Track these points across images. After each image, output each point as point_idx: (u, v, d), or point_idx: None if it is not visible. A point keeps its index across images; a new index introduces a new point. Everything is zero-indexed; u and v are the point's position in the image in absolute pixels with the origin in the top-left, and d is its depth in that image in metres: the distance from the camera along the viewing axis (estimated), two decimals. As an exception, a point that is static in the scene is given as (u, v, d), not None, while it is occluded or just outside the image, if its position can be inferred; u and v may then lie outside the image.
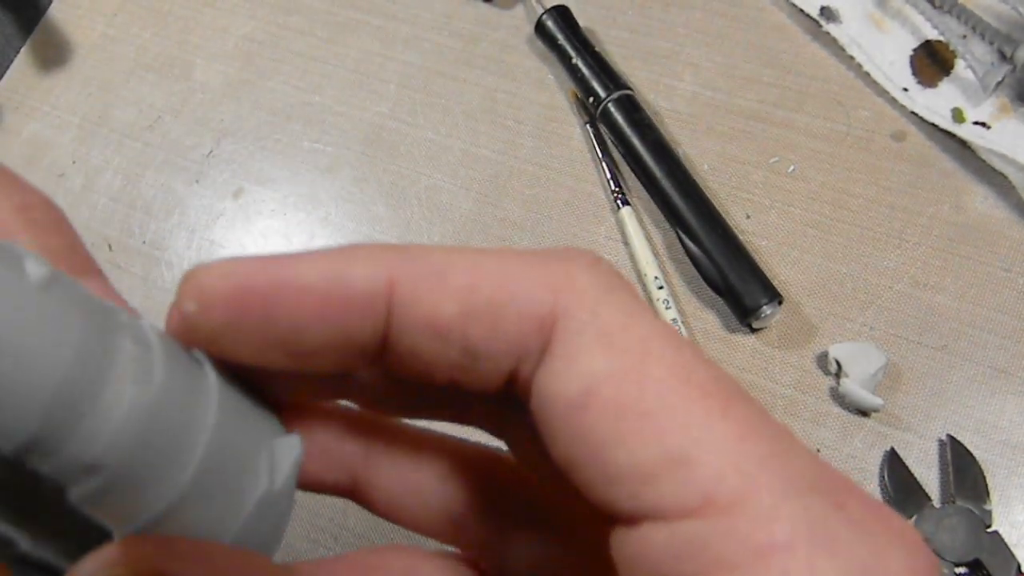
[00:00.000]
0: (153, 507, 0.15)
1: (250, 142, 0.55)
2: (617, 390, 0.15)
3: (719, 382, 0.15)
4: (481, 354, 0.16)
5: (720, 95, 0.49)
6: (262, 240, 0.51)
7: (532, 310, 0.15)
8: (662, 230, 0.46)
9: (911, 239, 0.44)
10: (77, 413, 0.14)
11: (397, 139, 0.52)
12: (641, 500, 0.14)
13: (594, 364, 0.15)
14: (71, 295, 0.15)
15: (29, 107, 0.59)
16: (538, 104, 0.51)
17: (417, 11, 0.56)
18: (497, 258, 0.16)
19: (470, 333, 0.16)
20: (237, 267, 0.16)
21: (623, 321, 0.15)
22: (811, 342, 0.42)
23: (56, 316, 0.14)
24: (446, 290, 0.16)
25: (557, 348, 0.15)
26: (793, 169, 0.47)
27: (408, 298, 0.16)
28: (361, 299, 0.15)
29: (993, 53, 0.45)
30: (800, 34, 0.50)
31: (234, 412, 0.17)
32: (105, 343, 0.15)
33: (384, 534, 0.42)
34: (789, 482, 0.14)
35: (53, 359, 0.14)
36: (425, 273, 0.16)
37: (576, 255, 0.16)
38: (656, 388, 0.15)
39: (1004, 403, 0.40)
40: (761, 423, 0.15)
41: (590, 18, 0.53)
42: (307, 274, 0.15)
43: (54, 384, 0.14)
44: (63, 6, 0.62)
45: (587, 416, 0.15)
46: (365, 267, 0.16)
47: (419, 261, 0.16)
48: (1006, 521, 0.38)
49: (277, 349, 0.16)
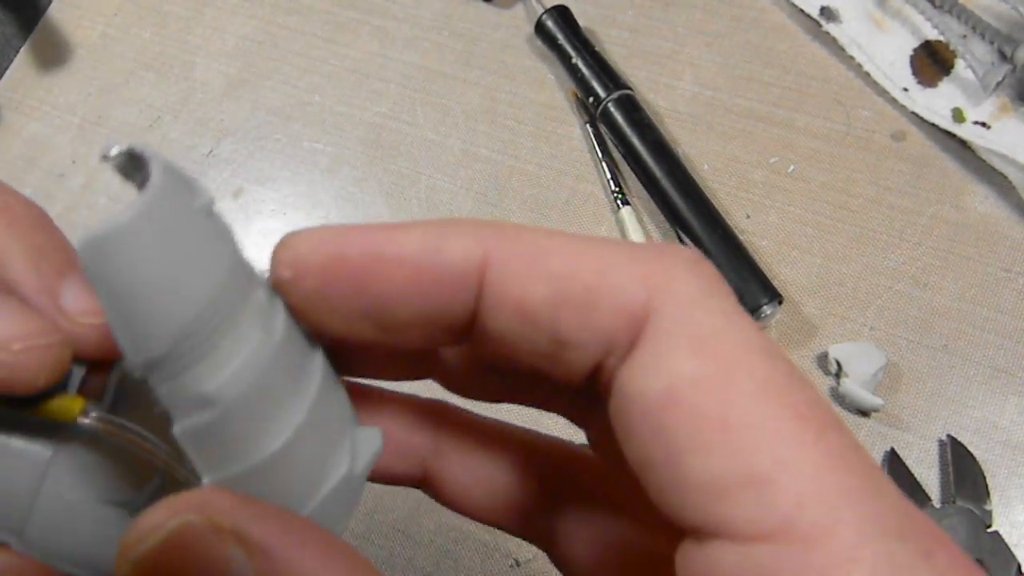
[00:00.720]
0: (247, 458, 0.15)
1: (250, 142, 0.55)
2: (701, 397, 0.14)
3: (814, 406, 0.14)
4: (569, 343, 0.15)
5: (720, 95, 0.49)
6: (262, 240, 0.51)
7: (625, 303, 0.15)
8: (662, 230, 0.46)
9: (911, 239, 0.44)
10: (207, 342, 0.14)
11: (397, 139, 0.52)
12: (713, 516, 0.14)
13: (681, 366, 0.14)
14: (226, 230, 0.15)
15: (29, 107, 0.59)
16: (538, 104, 0.51)
17: (417, 11, 0.56)
18: (595, 246, 0.16)
19: (560, 320, 0.15)
20: (333, 235, 0.16)
21: (718, 326, 0.15)
22: (811, 342, 0.42)
23: (210, 244, 0.15)
24: (540, 274, 0.15)
25: (645, 345, 0.15)
26: (793, 169, 0.47)
27: (501, 278, 0.15)
28: (454, 274, 0.15)
29: (993, 53, 0.45)
30: (800, 34, 0.50)
31: (333, 390, 0.17)
32: (244, 284, 0.15)
33: (384, 534, 0.43)
34: (876, 522, 0.13)
35: (200, 283, 0.14)
36: (521, 254, 0.15)
37: (678, 252, 0.16)
38: (743, 401, 0.14)
39: (1004, 403, 0.40)
40: (854, 456, 0.14)
41: (590, 18, 0.53)
42: (402, 245, 0.15)
43: (196, 307, 0.14)
44: (63, 6, 0.62)
45: (667, 419, 0.14)
46: (460, 242, 0.15)
47: (516, 241, 0.15)
48: (1006, 521, 0.38)
49: (367, 320, 0.16)
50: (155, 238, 0.14)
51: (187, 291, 0.14)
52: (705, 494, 0.14)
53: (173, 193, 0.14)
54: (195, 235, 0.14)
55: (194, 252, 0.14)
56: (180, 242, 0.14)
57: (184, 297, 0.14)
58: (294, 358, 0.16)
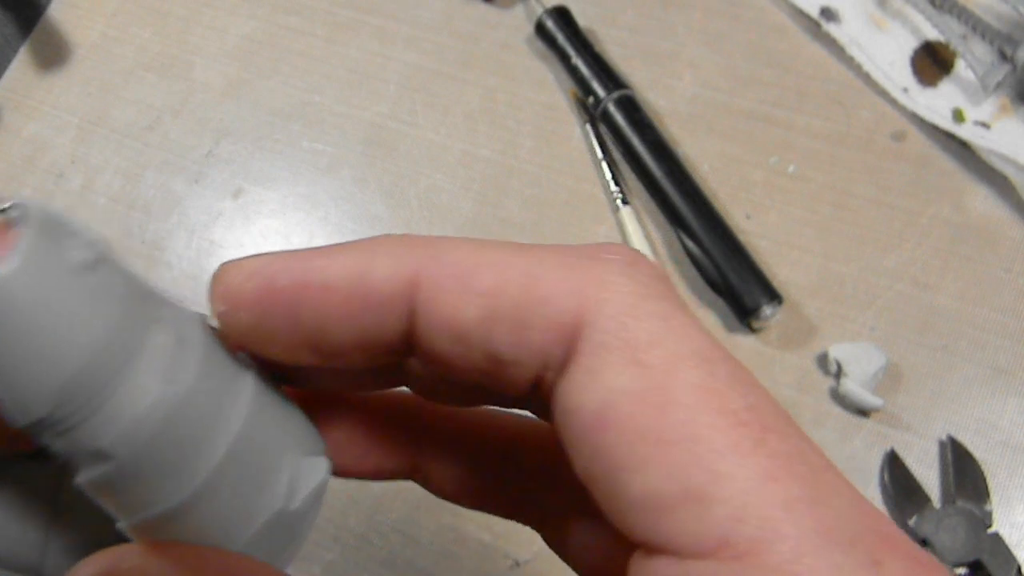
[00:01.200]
0: (157, 505, 0.15)
1: (250, 142, 0.54)
2: (637, 411, 0.14)
3: (755, 410, 0.14)
4: (504, 360, 0.15)
5: (720, 95, 0.49)
6: (261, 240, 0.51)
7: (557, 318, 0.15)
8: (662, 230, 0.46)
9: (911, 239, 0.44)
10: (94, 400, 0.14)
11: (397, 139, 0.52)
12: (655, 533, 0.13)
13: (615, 380, 0.14)
14: (112, 283, 0.15)
15: (29, 107, 0.59)
16: (538, 104, 0.51)
17: (417, 11, 0.56)
18: (526, 258, 0.15)
19: (493, 338, 0.15)
20: (263, 266, 0.16)
21: (653, 333, 0.14)
22: (811, 342, 0.42)
23: (87, 301, 0.14)
24: (469, 293, 0.15)
25: (580, 359, 0.14)
26: (793, 169, 0.47)
27: (430, 299, 0.15)
28: (383, 298, 0.15)
29: (993, 53, 0.45)
30: (800, 34, 0.50)
31: (264, 424, 0.17)
32: (137, 335, 0.15)
33: (383, 534, 0.42)
34: (817, 532, 0.13)
35: (75, 343, 0.14)
36: (449, 273, 0.15)
37: (612, 253, 0.15)
38: (680, 413, 0.13)
39: (1004, 403, 0.40)
40: (798, 460, 0.13)
41: (590, 18, 0.53)
42: (330, 272, 0.15)
43: (73, 368, 0.14)
44: (63, 6, 0.62)
45: (605, 436, 0.14)
46: (388, 265, 0.15)
47: (444, 259, 0.15)
48: (1006, 522, 0.38)
49: (305, 347, 0.16)
50: (25, 299, 0.14)
51: (65, 350, 0.14)
52: (646, 511, 0.13)
53: (46, 251, 0.14)
54: (73, 292, 0.14)
55: (71, 309, 0.14)
56: (54, 300, 0.14)
57: (62, 356, 0.14)
58: (211, 399, 0.16)
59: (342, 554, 0.42)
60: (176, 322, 0.16)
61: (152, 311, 0.15)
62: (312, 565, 0.43)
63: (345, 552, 0.43)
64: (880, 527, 0.13)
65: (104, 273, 0.15)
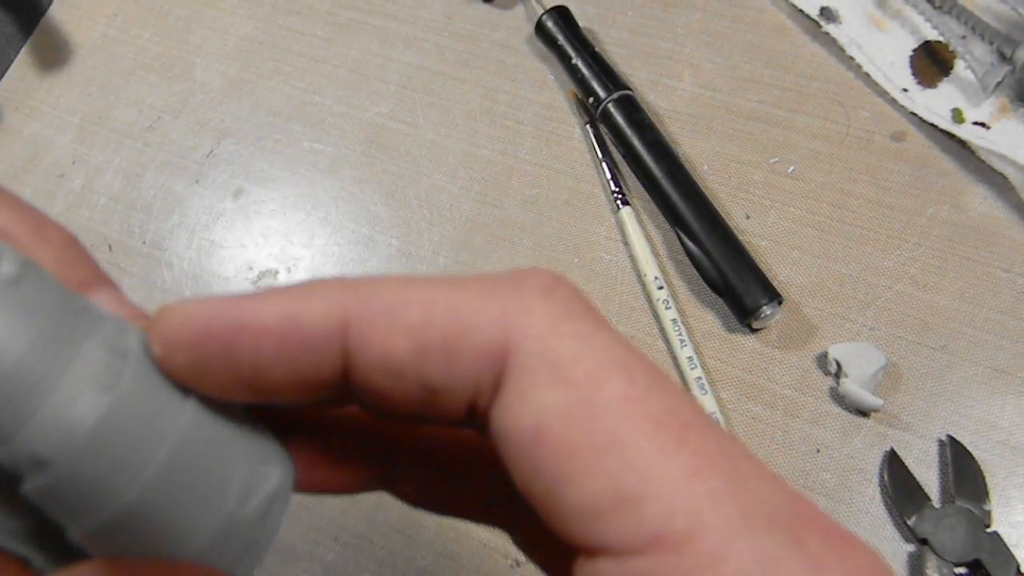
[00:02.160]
0: (101, 511, 0.15)
1: (250, 142, 0.55)
2: (567, 426, 0.14)
3: (674, 413, 0.15)
4: (438, 390, 0.16)
5: (720, 95, 0.49)
6: (262, 240, 0.51)
7: (484, 346, 0.15)
8: (662, 230, 0.46)
9: (911, 239, 0.44)
10: (26, 408, 0.15)
11: (397, 139, 0.52)
12: (593, 537, 0.14)
13: (544, 399, 0.15)
14: (39, 296, 0.15)
15: (29, 107, 0.59)
16: (538, 104, 0.51)
17: (417, 11, 0.56)
18: (452, 291, 0.16)
19: (425, 370, 0.16)
20: (200, 310, 0.16)
21: (576, 351, 0.15)
22: (811, 342, 0.42)
23: (12, 311, 0.15)
24: (399, 328, 0.16)
25: (509, 383, 0.15)
26: (793, 169, 0.47)
27: (362, 337, 0.16)
28: (316, 340, 0.16)
29: (993, 53, 0.45)
30: (800, 34, 0.50)
31: (210, 431, 0.17)
32: (69, 346, 0.15)
33: (384, 534, 0.43)
34: (742, 518, 0.14)
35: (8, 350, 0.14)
36: (379, 310, 0.16)
37: (531, 279, 0.16)
38: (606, 423, 0.14)
39: (1004, 403, 0.40)
40: (718, 453, 0.14)
41: (590, 18, 0.53)
42: (263, 316, 0.16)
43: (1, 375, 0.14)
44: (63, 6, 0.62)
45: (539, 452, 0.15)
46: (319, 307, 0.16)
47: (372, 299, 0.16)
48: (1006, 521, 0.38)
49: (242, 387, 0.16)
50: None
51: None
52: (583, 517, 0.14)
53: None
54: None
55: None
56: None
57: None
58: (150, 407, 0.16)
59: (342, 554, 0.43)
60: (114, 336, 0.16)
61: (87, 325, 0.16)
62: (312, 565, 0.43)
63: (345, 552, 0.43)
64: (801, 509, 0.14)
65: (30, 286, 0.15)
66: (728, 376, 0.42)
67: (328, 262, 0.50)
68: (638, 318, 0.45)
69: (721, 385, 0.42)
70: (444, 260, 0.48)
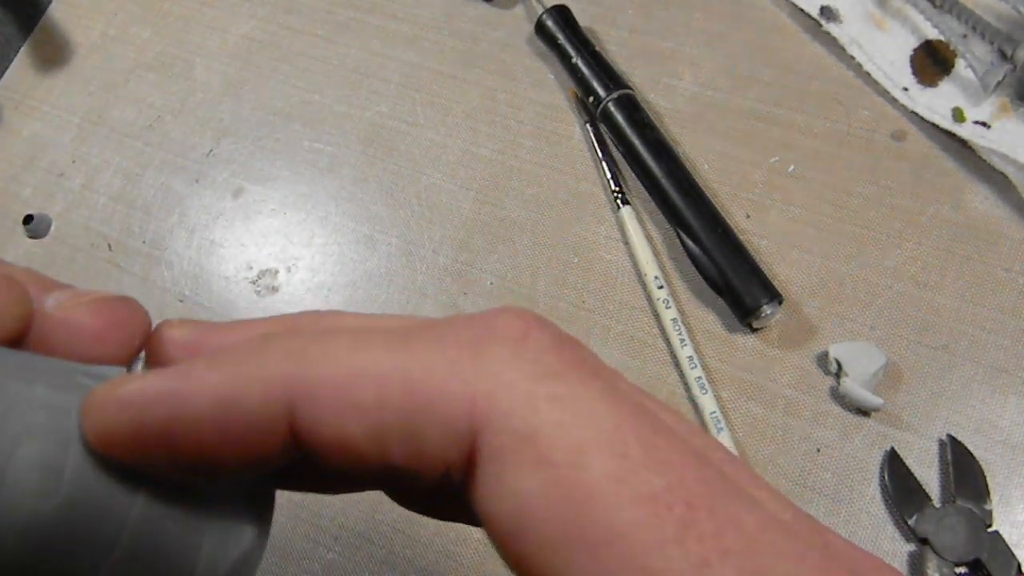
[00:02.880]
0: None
1: (250, 142, 0.55)
2: (552, 516, 0.13)
3: (675, 489, 0.13)
4: (402, 471, 0.14)
5: (720, 95, 0.49)
6: (262, 239, 0.51)
7: (450, 424, 0.14)
8: (662, 230, 0.46)
9: (911, 239, 0.44)
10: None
11: (397, 139, 0.52)
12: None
13: (523, 484, 0.13)
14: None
15: (29, 107, 0.59)
16: (538, 104, 0.51)
17: (417, 11, 0.56)
18: (407, 356, 0.14)
19: (385, 453, 0.14)
20: (133, 396, 0.15)
21: (554, 422, 0.13)
22: (811, 342, 0.42)
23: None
24: (351, 410, 0.14)
25: (484, 465, 0.14)
26: (793, 169, 0.47)
27: (310, 421, 0.14)
28: (258, 425, 0.14)
29: (993, 52, 0.45)
30: (800, 34, 0.50)
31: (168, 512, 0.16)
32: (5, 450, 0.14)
33: (384, 534, 0.42)
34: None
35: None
36: (325, 391, 0.14)
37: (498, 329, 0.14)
38: (597, 512, 0.13)
39: (1004, 403, 0.40)
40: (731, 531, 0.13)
41: (590, 18, 0.53)
42: (200, 404, 0.14)
43: None
44: (63, 6, 0.62)
45: (523, 543, 0.13)
46: (257, 390, 0.14)
47: (318, 374, 0.14)
48: (1006, 521, 0.38)
49: (189, 471, 0.15)
50: None
51: None
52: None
53: None
54: None
55: None
56: None
57: None
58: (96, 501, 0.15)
59: (342, 554, 0.43)
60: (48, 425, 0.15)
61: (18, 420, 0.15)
62: (312, 565, 0.43)
63: (345, 552, 0.43)
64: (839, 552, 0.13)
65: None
66: (728, 376, 0.42)
67: (328, 262, 0.50)
68: (638, 318, 0.45)
69: (721, 385, 0.42)
70: (444, 260, 0.48)
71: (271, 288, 0.50)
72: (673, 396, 0.43)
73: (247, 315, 0.50)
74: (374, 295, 0.48)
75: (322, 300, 0.49)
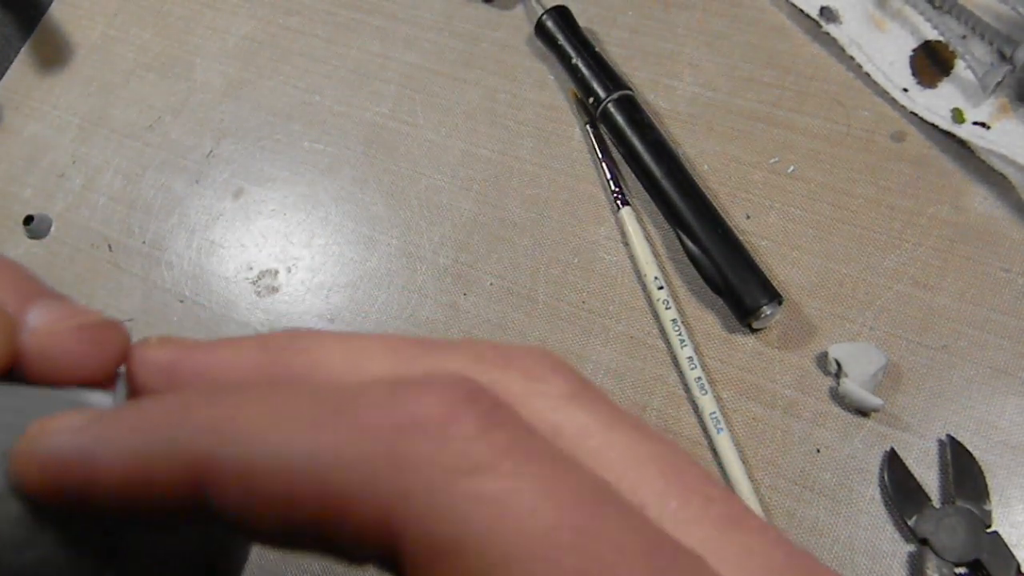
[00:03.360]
0: None
1: (250, 142, 0.55)
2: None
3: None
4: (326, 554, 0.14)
5: (720, 95, 0.49)
6: (262, 240, 0.51)
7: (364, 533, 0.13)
8: (662, 230, 0.46)
9: (911, 239, 0.44)
10: None
11: (397, 139, 0.52)
12: None
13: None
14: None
15: (29, 107, 0.59)
16: (538, 104, 0.51)
17: (417, 11, 0.56)
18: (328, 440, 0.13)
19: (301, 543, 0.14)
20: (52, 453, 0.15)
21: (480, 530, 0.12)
22: (811, 342, 0.42)
23: None
24: (259, 502, 0.13)
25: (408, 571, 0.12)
26: (793, 169, 0.47)
27: (220, 504, 0.14)
28: (170, 499, 0.14)
29: (993, 53, 0.45)
30: (800, 34, 0.50)
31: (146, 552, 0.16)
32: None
33: (384, 534, 0.42)
34: None
35: None
36: (232, 479, 0.13)
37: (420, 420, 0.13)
38: None
39: (1004, 403, 0.40)
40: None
41: (590, 18, 0.53)
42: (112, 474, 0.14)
43: None
44: (63, 6, 0.63)
45: None
46: (164, 466, 0.14)
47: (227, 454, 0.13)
48: (1006, 521, 0.38)
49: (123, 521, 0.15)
50: None
51: None
52: None
53: None
54: None
55: None
56: None
57: None
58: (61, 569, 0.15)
59: (342, 554, 0.43)
60: None
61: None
62: (312, 564, 0.43)
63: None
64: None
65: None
66: (728, 376, 0.42)
67: (328, 262, 0.50)
68: (638, 318, 0.45)
69: (721, 385, 0.42)
70: (444, 260, 0.48)
71: (271, 288, 0.50)
72: (673, 396, 0.43)
73: (247, 315, 0.50)
74: (374, 295, 0.49)
75: (322, 300, 0.49)
